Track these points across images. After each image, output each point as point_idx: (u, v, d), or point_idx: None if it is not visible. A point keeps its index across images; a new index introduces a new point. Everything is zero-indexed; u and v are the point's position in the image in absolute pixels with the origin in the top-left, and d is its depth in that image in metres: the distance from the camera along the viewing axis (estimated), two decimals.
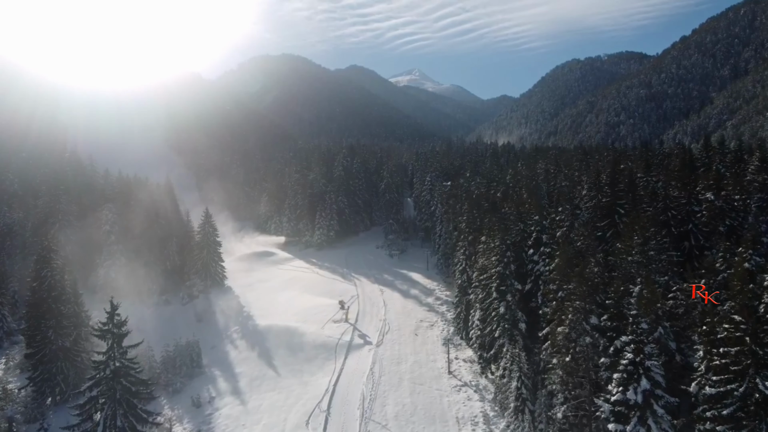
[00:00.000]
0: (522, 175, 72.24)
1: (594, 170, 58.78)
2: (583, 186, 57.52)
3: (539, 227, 43.53)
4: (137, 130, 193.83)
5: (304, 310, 62.01)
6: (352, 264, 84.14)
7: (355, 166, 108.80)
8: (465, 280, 53.33)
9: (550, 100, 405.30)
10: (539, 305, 41.88)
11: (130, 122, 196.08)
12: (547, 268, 39.83)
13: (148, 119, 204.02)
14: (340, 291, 69.23)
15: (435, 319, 59.60)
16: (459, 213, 73.11)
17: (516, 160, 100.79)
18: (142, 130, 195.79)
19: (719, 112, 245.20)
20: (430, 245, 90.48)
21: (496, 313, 43.12)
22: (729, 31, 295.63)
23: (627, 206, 45.50)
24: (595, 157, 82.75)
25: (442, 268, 78.33)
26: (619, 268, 35.24)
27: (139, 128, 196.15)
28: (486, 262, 46.48)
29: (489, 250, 46.34)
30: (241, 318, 61.96)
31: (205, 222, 75.15)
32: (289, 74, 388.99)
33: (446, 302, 64.51)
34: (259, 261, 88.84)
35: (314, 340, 54.21)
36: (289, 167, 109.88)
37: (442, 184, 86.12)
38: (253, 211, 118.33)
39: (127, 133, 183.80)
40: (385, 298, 66.67)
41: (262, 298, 68.80)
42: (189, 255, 75.18)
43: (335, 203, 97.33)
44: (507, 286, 42.67)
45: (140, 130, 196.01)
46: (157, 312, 66.76)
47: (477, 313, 47.74)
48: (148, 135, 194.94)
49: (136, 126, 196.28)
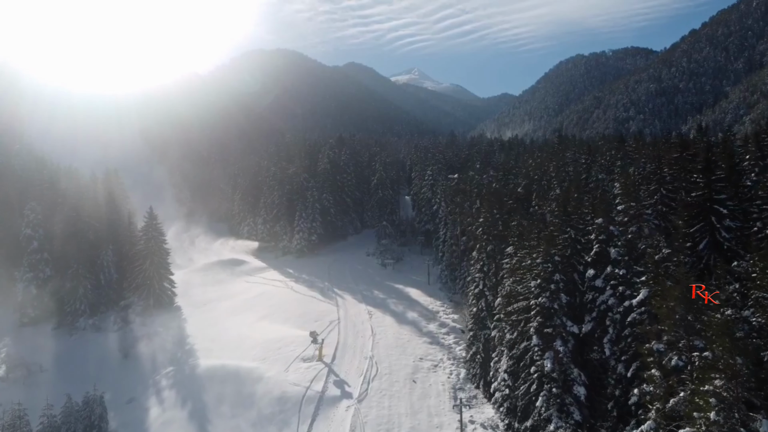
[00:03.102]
0: (550, 165, 56.95)
1: (654, 157, 43.43)
2: (629, 178, 42.50)
3: (604, 235, 28.21)
4: (113, 126, 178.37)
5: (265, 343, 46.63)
6: (336, 276, 68.77)
7: (343, 158, 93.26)
8: (483, 307, 38.02)
9: (555, 97, 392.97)
10: (606, 358, 26.73)
11: (105, 117, 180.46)
12: (631, 306, 24.51)
13: (125, 115, 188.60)
14: (317, 314, 53.88)
15: (439, 355, 44.33)
16: (469, 213, 57.79)
17: (531, 152, 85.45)
18: (118, 126, 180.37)
19: (735, 107, 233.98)
20: (432, 252, 75.35)
21: (538, 369, 27.85)
22: (742, 24, 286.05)
23: (731, 205, 30.23)
24: (632, 146, 67.65)
25: (447, 281, 63.14)
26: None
27: (114, 124, 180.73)
28: (518, 287, 31.24)
29: (523, 268, 31.09)
30: (180, 353, 46.52)
31: (148, 225, 59.63)
32: (283, 69, 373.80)
33: (453, 330, 49.28)
34: (225, 271, 73.38)
35: (273, 389, 38.98)
36: (267, 161, 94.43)
37: (446, 177, 70.81)
38: (229, 211, 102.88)
39: (100, 127, 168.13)
40: (375, 323, 51.30)
41: (216, 323, 53.36)
42: (130, 266, 59.85)
43: (318, 202, 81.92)
44: (555, 327, 27.42)
45: (116, 126, 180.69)
46: (79, 342, 51.58)
47: (503, 360, 32.46)
48: (125, 131, 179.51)
49: (112, 122, 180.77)
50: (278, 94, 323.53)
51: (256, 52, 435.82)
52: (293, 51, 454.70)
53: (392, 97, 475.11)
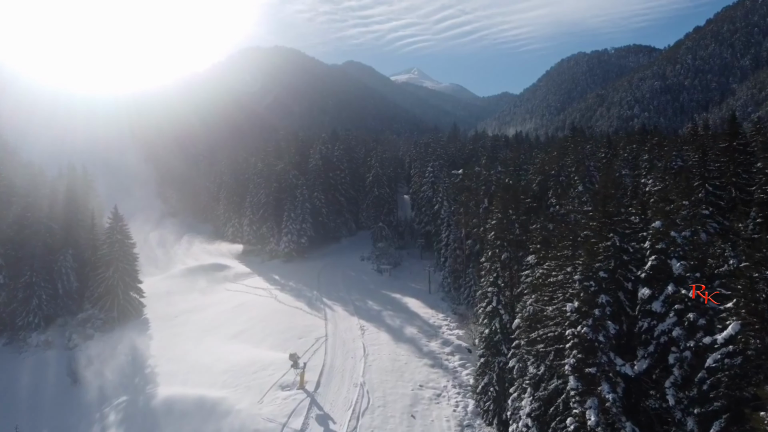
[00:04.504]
0: (567, 158, 50.07)
1: (698, 148, 36.67)
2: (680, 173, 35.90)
3: (663, 243, 21.36)
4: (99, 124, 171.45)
5: (239, 366, 39.78)
6: (326, 283, 61.89)
7: (336, 154, 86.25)
8: (497, 329, 31.17)
9: (556, 95, 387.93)
10: (670, 408, 19.92)
11: (92, 114, 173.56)
12: (713, 343, 17.64)
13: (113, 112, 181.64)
14: (302, 329, 47.01)
15: (442, 381, 37.49)
16: (475, 213, 51.06)
17: (543, 147, 78.68)
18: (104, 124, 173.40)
19: (743, 104, 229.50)
20: (433, 256, 68.59)
21: (577, 422, 21.01)
22: (747, 20, 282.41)
23: None
24: (654, 140, 60.99)
25: (450, 290, 56.36)
26: None
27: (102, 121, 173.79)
28: (546, 308, 24.44)
29: (552, 285, 24.30)
30: (139, 379, 39.63)
31: (112, 227, 52.71)
32: (280, 66, 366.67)
33: (458, 350, 42.51)
34: (204, 278, 66.50)
35: (243, 426, 32.19)
36: (255, 157, 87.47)
37: (449, 173, 63.95)
38: (215, 211, 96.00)
39: (85, 124, 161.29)
40: (368, 341, 44.43)
41: (185, 340, 46.48)
42: (93, 274, 53.02)
43: (309, 201, 75.01)
44: (600, 366, 20.57)
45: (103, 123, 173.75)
46: (26, 363, 44.68)
47: (526, 401, 25.57)
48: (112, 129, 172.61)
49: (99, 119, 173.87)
50: (275, 91, 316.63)
51: (252, 50, 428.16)
52: (290, 48, 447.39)
53: (391, 96, 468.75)
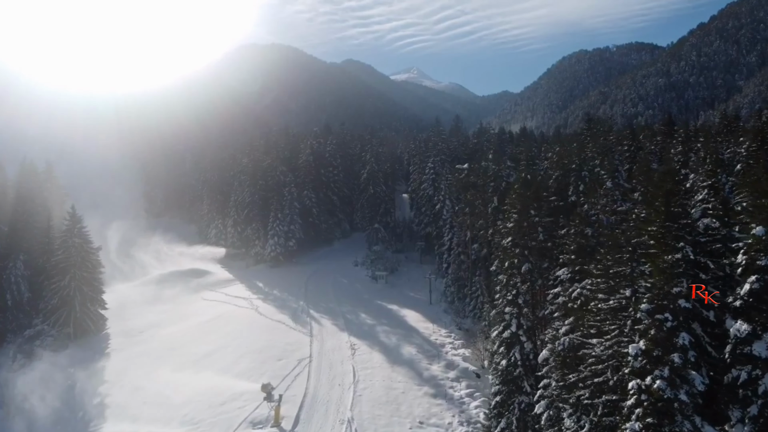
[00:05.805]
0: (587, 151, 43.62)
1: (756, 134, 30.31)
2: None
3: (765, 260, 14.96)
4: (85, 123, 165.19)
5: (204, 397, 33.31)
6: (314, 292, 55.38)
7: (329, 149, 79.77)
8: (517, 360, 24.72)
9: (558, 93, 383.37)
10: None
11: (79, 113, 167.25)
12: None
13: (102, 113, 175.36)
14: (283, 348, 40.51)
15: (447, 417, 31.09)
16: (483, 214, 44.62)
17: (548, 143, 72.14)
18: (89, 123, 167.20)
19: (750, 101, 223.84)
20: (434, 260, 62.27)
21: None
22: (753, 16, 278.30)
23: None
24: (679, 131, 54.66)
25: (454, 300, 49.99)
26: None
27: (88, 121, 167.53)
28: (591, 344, 18.02)
29: (599, 311, 17.89)
30: (83, 413, 33.14)
31: (69, 230, 46.19)
32: (278, 64, 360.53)
33: (465, 374, 36.16)
34: (181, 285, 60.09)
35: None
36: (241, 152, 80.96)
37: (452, 169, 57.44)
38: (199, 211, 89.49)
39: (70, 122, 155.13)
40: (359, 363, 37.95)
41: (147, 362, 39.99)
42: (47, 283, 46.54)
43: (298, 200, 68.52)
44: None
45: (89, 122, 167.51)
46: None
47: None
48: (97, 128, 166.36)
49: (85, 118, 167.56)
50: (272, 89, 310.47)
51: (249, 47, 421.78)
52: (288, 46, 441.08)
53: (390, 94, 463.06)
